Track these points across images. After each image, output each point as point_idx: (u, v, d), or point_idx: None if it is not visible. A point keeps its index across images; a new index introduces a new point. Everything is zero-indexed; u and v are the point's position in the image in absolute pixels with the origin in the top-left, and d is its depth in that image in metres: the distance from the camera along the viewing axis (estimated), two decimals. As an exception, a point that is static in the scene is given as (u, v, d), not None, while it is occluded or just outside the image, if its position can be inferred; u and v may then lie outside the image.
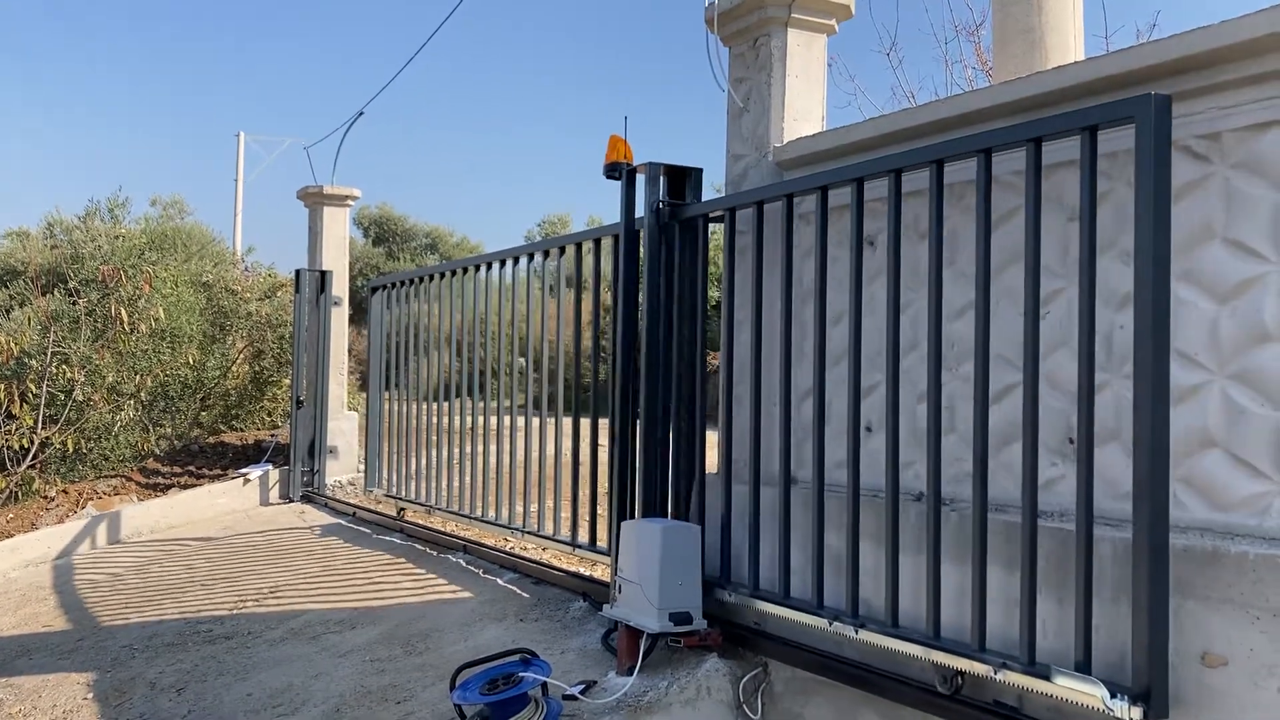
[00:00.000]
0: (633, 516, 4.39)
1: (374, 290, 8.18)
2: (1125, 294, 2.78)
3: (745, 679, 3.80)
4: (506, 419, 5.98)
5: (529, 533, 5.68)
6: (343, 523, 7.69)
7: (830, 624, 3.40)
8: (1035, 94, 3.06)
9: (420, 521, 7.04)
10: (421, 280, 7.29)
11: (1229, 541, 2.55)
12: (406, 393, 7.54)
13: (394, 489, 7.57)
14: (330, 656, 4.63)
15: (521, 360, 5.97)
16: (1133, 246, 2.60)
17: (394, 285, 7.82)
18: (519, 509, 5.78)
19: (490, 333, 6.31)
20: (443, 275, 6.92)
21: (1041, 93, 3.04)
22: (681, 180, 4.41)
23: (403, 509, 7.26)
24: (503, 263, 6.03)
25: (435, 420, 6.93)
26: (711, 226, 4.42)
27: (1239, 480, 2.60)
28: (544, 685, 3.62)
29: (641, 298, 4.43)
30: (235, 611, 5.54)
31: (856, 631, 3.31)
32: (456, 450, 6.55)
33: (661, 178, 4.39)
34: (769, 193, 3.90)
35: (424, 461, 7.10)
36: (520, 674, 3.59)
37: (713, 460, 4.23)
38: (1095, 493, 2.70)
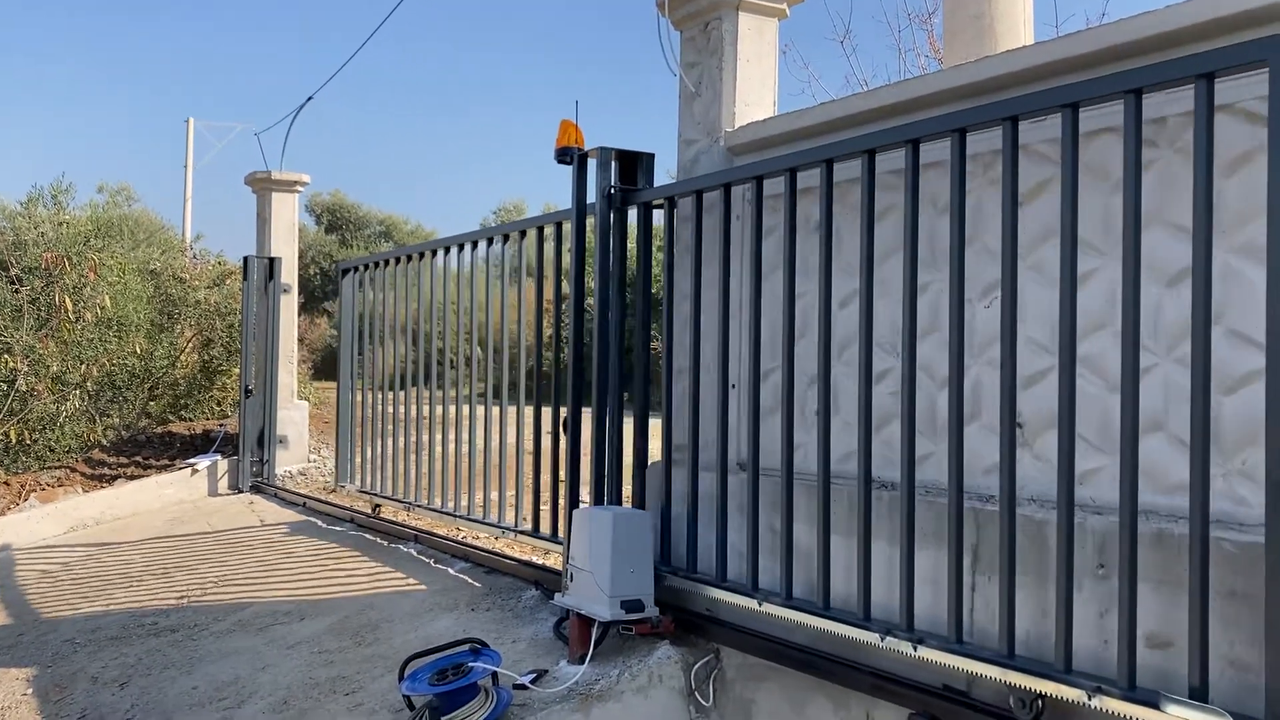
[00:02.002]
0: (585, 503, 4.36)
1: (345, 272, 7.74)
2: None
3: (697, 666, 3.79)
4: (482, 409, 5.77)
5: (523, 533, 5.29)
6: (293, 513, 7.59)
7: (883, 639, 3.05)
8: (982, 79, 3.06)
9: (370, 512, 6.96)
10: (399, 260, 6.84)
11: (1173, 524, 2.57)
12: (382, 382, 7.09)
13: (368, 485, 7.16)
14: (278, 648, 4.56)
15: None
16: (1062, 232, 2.62)
17: (367, 267, 7.41)
18: (509, 503, 5.57)
19: (470, 318, 6.05)
20: (422, 255, 6.53)
21: (988, 77, 3.05)
22: (633, 165, 4.37)
23: (378, 505, 6.87)
24: (475, 244, 5.85)
25: (417, 411, 6.49)
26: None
27: (1180, 463, 2.62)
28: (494, 675, 3.59)
29: (593, 283, 4.40)
30: (182, 603, 5.45)
31: (915, 648, 2.95)
32: (439, 443, 6.20)
33: (613, 163, 4.35)
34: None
35: (402, 456, 6.65)
36: (469, 664, 3.56)
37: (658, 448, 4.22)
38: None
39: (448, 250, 6.22)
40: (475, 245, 5.86)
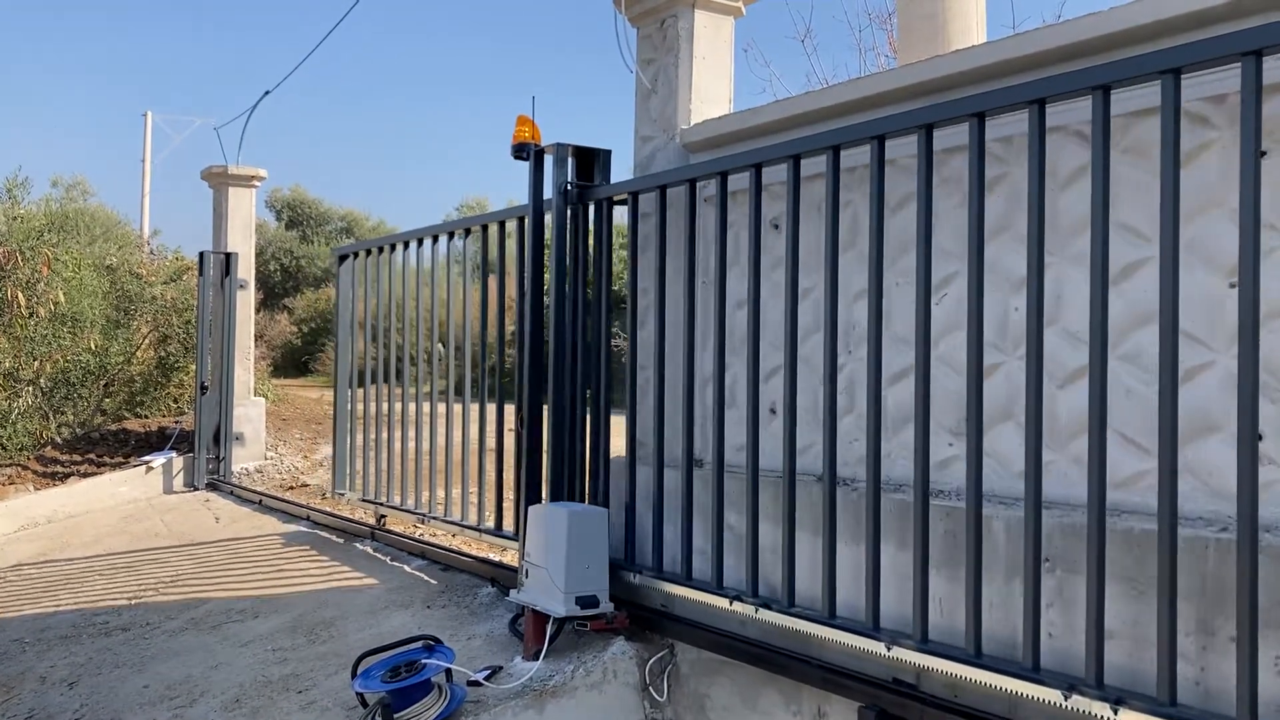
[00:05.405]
0: (541, 500, 4.36)
1: (341, 258, 7.23)
2: (1019, 278, 2.84)
3: (651, 661, 3.80)
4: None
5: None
6: (249, 510, 7.52)
7: (1066, 698, 2.50)
8: (933, 78, 3.09)
9: (327, 509, 6.91)
10: (407, 245, 6.27)
11: (1115, 518, 2.61)
12: (380, 380, 6.57)
13: (371, 493, 6.49)
14: (231, 646, 4.52)
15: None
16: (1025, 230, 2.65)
17: (369, 252, 6.78)
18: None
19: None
20: (436, 239, 5.91)
21: (939, 76, 3.08)
22: (590, 162, 4.36)
23: (383, 516, 6.30)
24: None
25: (431, 410, 5.88)
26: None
27: (1127, 458, 2.66)
28: (448, 672, 3.58)
29: (550, 280, 4.39)
30: (134, 602, 5.38)
31: (1067, 696, 2.49)
32: (434, 441, 5.78)
33: (570, 159, 4.34)
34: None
35: (411, 461, 6.01)
36: (423, 660, 3.54)
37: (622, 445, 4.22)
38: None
39: (456, 235, 5.74)
40: (451, 237, 5.74)
